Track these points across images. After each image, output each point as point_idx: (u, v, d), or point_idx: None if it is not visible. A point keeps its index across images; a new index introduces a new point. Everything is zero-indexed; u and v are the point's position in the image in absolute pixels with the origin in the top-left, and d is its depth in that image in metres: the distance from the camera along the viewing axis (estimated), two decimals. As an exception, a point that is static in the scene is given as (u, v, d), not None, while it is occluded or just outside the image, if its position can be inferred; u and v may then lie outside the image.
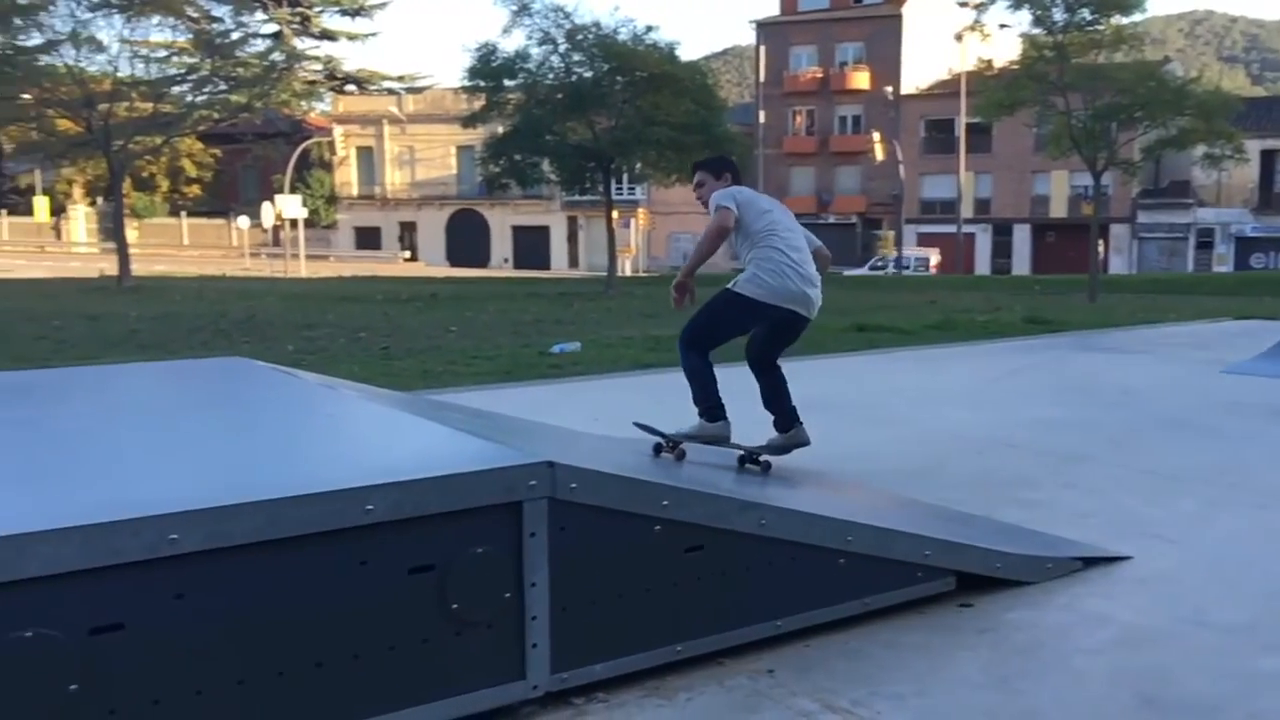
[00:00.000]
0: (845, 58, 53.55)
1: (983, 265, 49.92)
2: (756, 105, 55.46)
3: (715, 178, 4.81)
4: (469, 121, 30.51)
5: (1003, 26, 29.64)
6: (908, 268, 43.61)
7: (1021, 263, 49.81)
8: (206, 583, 2.33)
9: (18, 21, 26.00)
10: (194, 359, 8.15)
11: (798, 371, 9.51)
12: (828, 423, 6.85)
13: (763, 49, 55.27)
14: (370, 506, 2.51)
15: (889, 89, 50.77)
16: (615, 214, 32.08)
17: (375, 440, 3.24)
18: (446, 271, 46.74)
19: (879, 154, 44.90)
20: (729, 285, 4.56)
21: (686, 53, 44.75)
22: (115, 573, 2.23)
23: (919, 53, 52.14)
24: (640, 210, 51.62)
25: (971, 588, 3.56)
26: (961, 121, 44.72)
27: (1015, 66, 27.86)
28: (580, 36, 28.21)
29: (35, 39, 26.87)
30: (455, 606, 2.63)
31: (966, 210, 47.89)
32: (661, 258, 53.38)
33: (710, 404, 4.51)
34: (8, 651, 2.10)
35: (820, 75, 53.58)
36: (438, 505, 2.62)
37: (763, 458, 4.51)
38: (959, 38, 38.98)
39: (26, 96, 27.32)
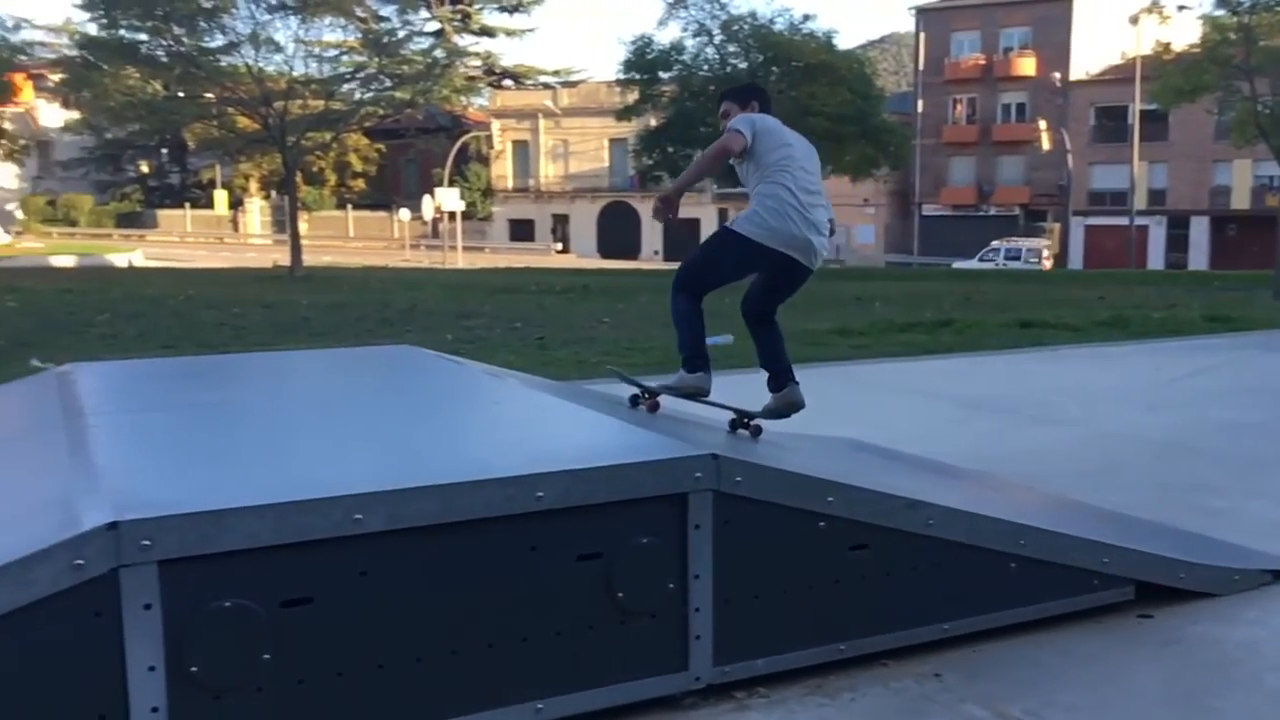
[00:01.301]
0: (1010, 43, 51.68)
1: (1155, 260, 47.45)
2: (915, 94, 54.12)
3: (741, 106, 4.32)
4: (623, 114, 30.78)
5: (1181, 8, 28.01)
6: (1018, 258, 41.85)
7: (1199, 257, 47.11)
8: (387, 562, 2.42)
9: (203, 24, 27.55)
10: (364, 346, 8.49)
11: (958, 369, 9.29)
12: (993, 423, 6.66)
13: (922, 35, 53.87)
14: (541, 494, 2.57)
15: (1056, 75, 48.74)
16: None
17: (543, 429, 3.31)
18: (598, 263, 47.31)
19: (1045, 143, 43.19)
20: (726, 223, 4.17)
21: (843, 41, 43.96)
22: (304, 549, 2.34)
23: (1089, 37, 49.85)
24: (792, 202, 51.05)
25: (1151, 598, 3.39)
26: (1135, 108, 42.52)
27: (1196, 50, 26.30)
28: (736, 28, 28.09)
29: (218, 40, 28.43)
30: (620, 595, 2.66)
31: (1139, 202, 45.59)
32: (813, 250, 52.71)
33: (692, 353, 4.10)
34: (210, 619, 2.23)
35: (983, 62, 51.87)
36: (605, 495, 2.66)
37: (754, 421, 4.10)
38: (1134, 20, 37.02)
39: (209, 96, 28.96)
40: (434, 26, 52.20)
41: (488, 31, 61.60)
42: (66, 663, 2.14)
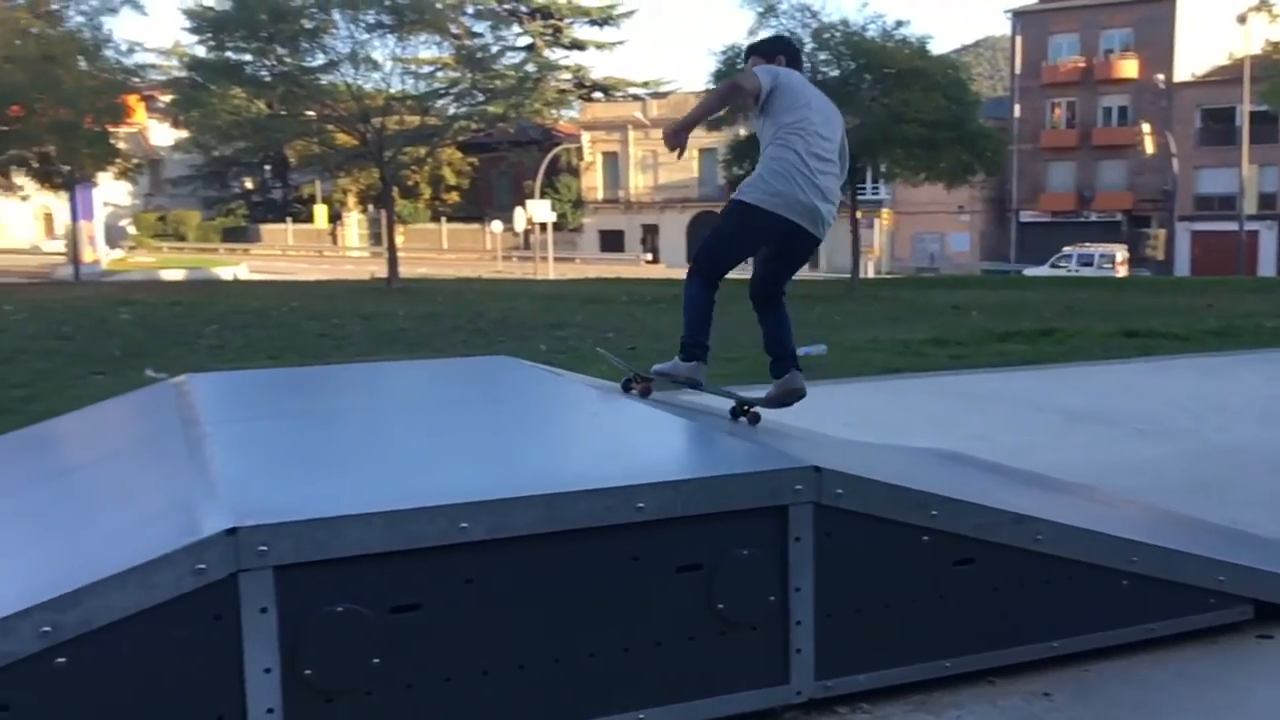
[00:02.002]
0: (1111, 45, 50.32)
1: (1267, 266, 45.63)
2: (1012, 98, 53.02)
3: (767, 59, 4.09)
4: (713, 124, 30.75)
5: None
6: (1090, 264, 40.55)
7: (1315, 263, 45.20)
8: (492, 570, 2.46)
9: (304, 45, 28.38)
10: (460, 357, 8.63)
11: (1060, 379, 9.06)
12: (1097, 435, 6.47)
13: (1019, 39, 52.78)
14: (641, 504, 2.58)
15: (1160, 77, 47.26)
16: (859, 214, 31.50)
17: (642, 439, 3.33)
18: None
19: (1148, 147, 41.89)
20: (735, 193, 3.99)
21: (937, 46, 43.40)
22: (412, 556, 2.39)
23: (1194, 38, 48.26)
24: (884, 210, 50.47)
25: (1272, 619, 3.26)
26: (1244, 110, 41.01)
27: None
28: (827, 35, 27.88)
29: (319, 60, 29.27)
30: (721, 606, 2.66)
31: (1249, 206, 43.91)
32: (906, 259, 51.99)
33: (691, 341, 3.94)
34: (322, 623, 2.29)
35: (1082, 64, 50.60)
36: (705, 506, 2.66)
37: (754, 409, 3.90)
38: (1242, 20, 35.83)
39: (310, 113, 29.82)
40: (526, 41, 52.91)
41: (578, 45, 62.24)
42: (188, 664, 2.22)
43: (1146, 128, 42.61)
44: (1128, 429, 6.44)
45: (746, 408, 3.92)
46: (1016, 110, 51.62)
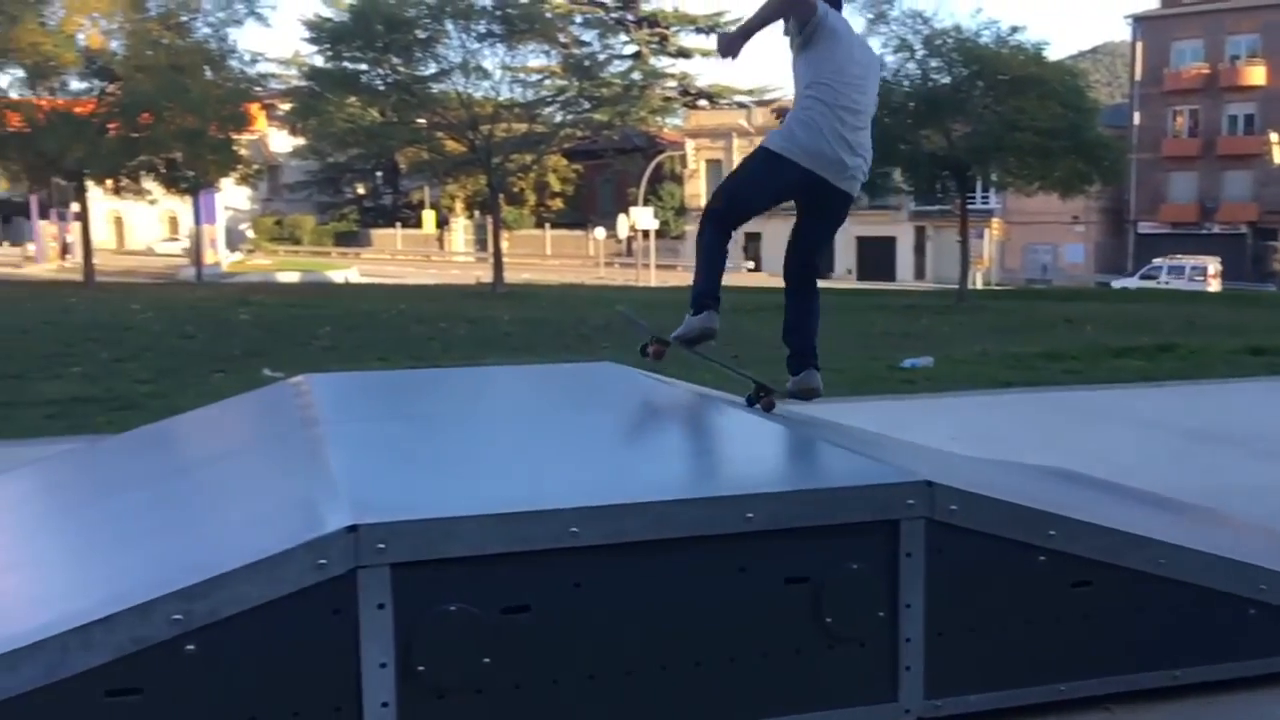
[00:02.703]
0: (1237, 51, 48.37)
1: (1407, 281, 43.29)
2: (1131, 106, 51.36)
3: None
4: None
5: None
6: (1181, 275, 38.82)
7: None
8: (601, 575, 2.48)
9: (418, 54, 29.08)
10: (564, 362, 8.72)
11: (1183, 395, 8.74)
12: (1222, 456, 6.21)
13: (1139, 45, 51.13)
14: (750, 514, 2.57)
15: (1290, 84, 45.27)
16: (968, 224, 30.85)
17: (751, 449, 3.32)
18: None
19: (1276, 157, 40.13)
20: (763, 140, 3.89)
21: (1054, 52, 42.28)
22: (524, 559, 2.42)
23: (1328, 42, 46.11)
24: (994, 220, 49.35)
25: None
26: (1381, 117, 39.04)
27: None
28: (939, 42, 27.40)
29: (430, 69, 29.94)
30: (829, 620, 2.63)
31: (1387, 218, 41.75)
32: (1016, 270, 50.71)
33: (703, 292, 3.81)
34: (436, 621, 2.34)
35: (1206, 71, 48.75)
36: (815, 518, 2.64)
37: (772, 397, 3.83)
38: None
39: (421, 121, 30.53)
40: (632, 49, 53.30)
41: (684, 53, 62.40)
42: (308, 655, 2.29)
43: (1275, 137, 40.81)
44: (1253, 450, 6.17)
45: (765, 393, 3.86)
46: (1136, 118, 50.00)
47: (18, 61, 26.38)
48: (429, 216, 63.01)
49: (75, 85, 28.90)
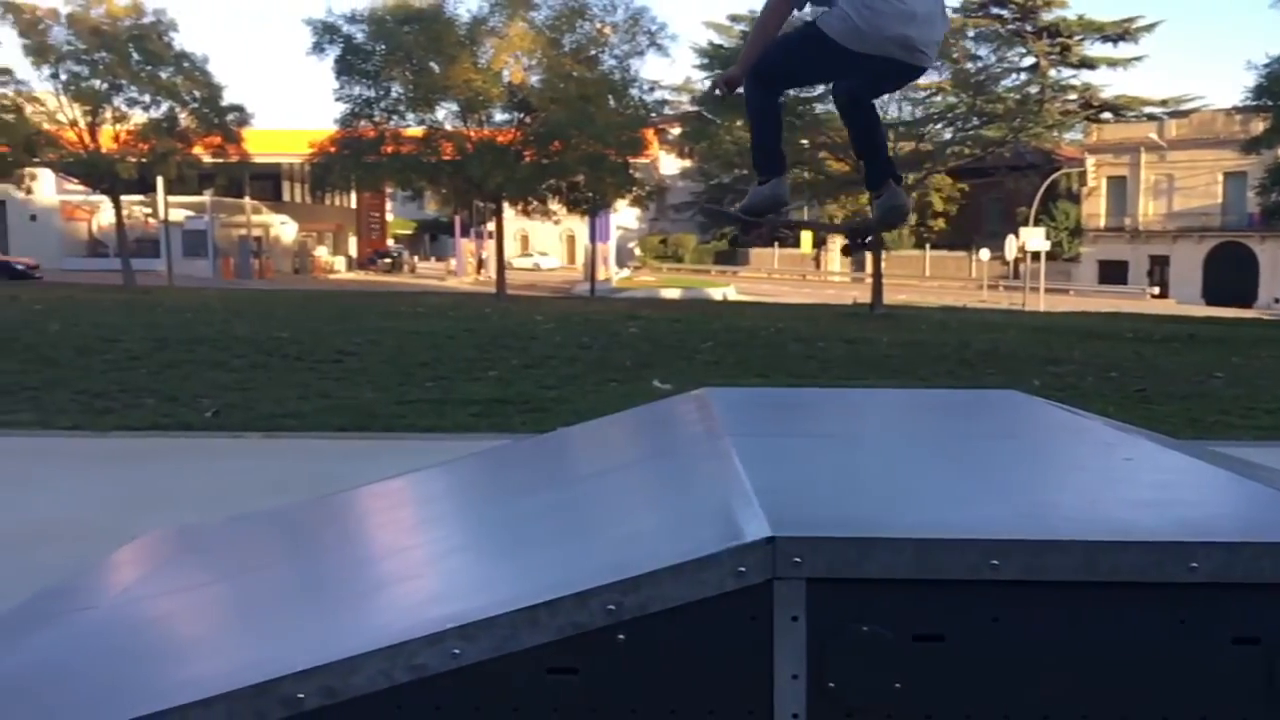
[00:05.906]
0: None
1: None
2: None
3: None
4: (1250, 146, 27.48)
5: None
6: None
7: None
8: (1021, 612, 2.37)
9: (805, 76, 29.48)
10: (951, 389, 8.45)
11: None
12: None
13: None
14: (1195, 564, 2.35)
15: None
16: None
17: (1186, 492, 3.04)
18: (1202, 310, 42.59)
19: None
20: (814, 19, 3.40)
21: None
22: (938, 587, 2.37)
23: None
24: None
25: None
26: None
27: None
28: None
29: (816, 89, 30.23)
30: (1284, 689, 2.35)
31: None
32: None
33: (761, 154, 3.57)
34: (849, 639, 2.34)
35: None
36: (1272, 574, 2.36)
37: (869, 240, 3.15)
38: None
39: (804, 142, 30.92)
40: (1029, 61, 50.77)
41: (1088, 63, 58.64)
42: (724, 657, 2.37)
43: None
44: None
45: (861, 240, 3.54)
46: None
47: (454, 97, 29.79)
48: (807, 237, 63.58)
49: (499, 117, 32.18)
